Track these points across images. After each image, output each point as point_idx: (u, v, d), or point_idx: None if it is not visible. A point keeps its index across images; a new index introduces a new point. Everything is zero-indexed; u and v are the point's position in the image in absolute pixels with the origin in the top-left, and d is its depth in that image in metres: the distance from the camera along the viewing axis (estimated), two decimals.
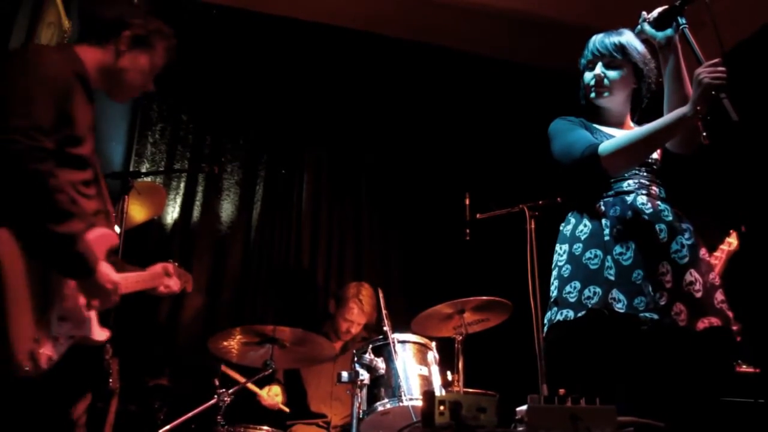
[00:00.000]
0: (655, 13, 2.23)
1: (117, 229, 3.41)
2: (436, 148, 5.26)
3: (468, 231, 3.93)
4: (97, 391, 2.98)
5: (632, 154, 2.20)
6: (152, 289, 2.50)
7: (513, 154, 5.19)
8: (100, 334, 2.20)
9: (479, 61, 5.27)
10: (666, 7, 2.21)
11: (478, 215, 3.89)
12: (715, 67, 1.99)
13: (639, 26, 2.28)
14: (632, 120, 2.52)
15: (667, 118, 2.14)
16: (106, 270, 2.08)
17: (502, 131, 5.30)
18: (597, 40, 2.44)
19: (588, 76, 2.44)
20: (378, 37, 5.16)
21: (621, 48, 2.38)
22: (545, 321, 2.32)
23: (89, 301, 2.10)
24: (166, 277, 2.53)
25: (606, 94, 2.41)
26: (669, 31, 2.22)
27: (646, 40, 2.37)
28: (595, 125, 2.43)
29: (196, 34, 4.86)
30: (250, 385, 3.70)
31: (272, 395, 3.91)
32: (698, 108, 2.00)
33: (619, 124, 2.47)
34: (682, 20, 2.16)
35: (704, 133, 2.01)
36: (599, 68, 2.41)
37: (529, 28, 5.01)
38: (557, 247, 2.40)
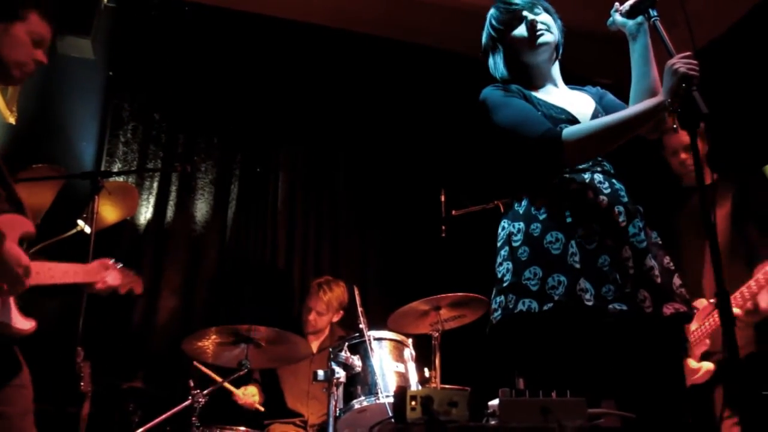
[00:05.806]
0: (627, 5, 2.22)
1: (87, 229, 3.36)
2: (412, 145, 5.25)
3: (444, 228, 3.93)
4: (68, 395, 2.94)
5: (603, 142, 2.08)
6: (89, 285, 2.40)
7: (488, 151, 5.19)
8: (23, 323, 2.10)
9: (453, 58, 5.26)
10: None
11: (453, 212, 3.90)
12: (688, 59, 1.98)
13: (611, 18, 2.26)
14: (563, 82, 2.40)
15: (643, 105, 2.06)
16: (15, 251, 2.01)
17: (477, 128, 5.30)
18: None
19: (520, 29, 2.27)
20: (352, 34, 5.14)
21: (536, 2, 2.29)
22: (495, 306, 2.12)
23: None
24: (103, 273, 2.42)
25: (546, 35, 2.25)
26: (640, 18, 2.19)
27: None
28: (532, 93, 2.28)
29: (168, 31, 4.82)
30: (226, 384, 3.67)
31: (248, 395, 3.88)
32: (672, 98, 1.98)
33: (554, 85, 2.35)
34: (653, 12, 2.15)
35: (675, 125, 2.00)
36: (529, 15, 2.26)
37: None
38: (506, 223, 2.20)
